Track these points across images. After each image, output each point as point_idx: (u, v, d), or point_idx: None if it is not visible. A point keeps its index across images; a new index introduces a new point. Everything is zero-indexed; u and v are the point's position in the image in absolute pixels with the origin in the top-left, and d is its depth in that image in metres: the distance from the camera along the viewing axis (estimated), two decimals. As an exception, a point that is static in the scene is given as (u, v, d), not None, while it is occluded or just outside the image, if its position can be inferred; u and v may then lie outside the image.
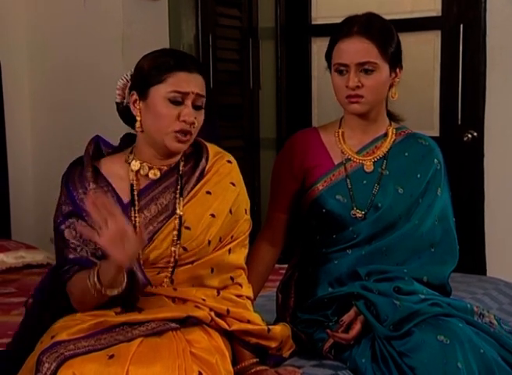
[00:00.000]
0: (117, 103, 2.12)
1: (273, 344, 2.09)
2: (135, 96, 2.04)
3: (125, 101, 2.09)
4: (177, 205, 2.04)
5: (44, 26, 4.14)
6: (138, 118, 2.03)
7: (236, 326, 2.02)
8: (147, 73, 2.02)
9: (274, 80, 4.93)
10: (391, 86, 2.29)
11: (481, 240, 4.13)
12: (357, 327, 2.14)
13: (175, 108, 1.99)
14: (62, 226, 2.00)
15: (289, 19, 4.82)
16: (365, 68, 2.22)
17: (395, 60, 2.28)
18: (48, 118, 4.19)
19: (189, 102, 2.00)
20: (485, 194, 4.14)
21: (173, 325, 1.93)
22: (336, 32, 2.28)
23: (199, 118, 2.03)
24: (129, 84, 2.08)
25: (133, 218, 2.02)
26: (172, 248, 2.01)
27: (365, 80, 2.23)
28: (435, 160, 2.34)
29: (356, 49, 2.23)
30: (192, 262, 2.04)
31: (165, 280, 2.03)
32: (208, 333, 1.97)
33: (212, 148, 2.15)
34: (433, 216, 2.31)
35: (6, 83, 4.02)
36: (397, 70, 2.29)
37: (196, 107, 2.02)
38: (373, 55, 2.22)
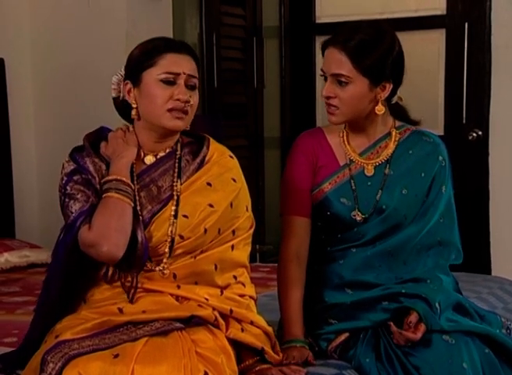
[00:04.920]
0: (114, 98, 2.15)
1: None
2: (129, 85, 2.08)
3: (121, 95, 2.13)
4: (175, 187, 2.05)
5: (48, 26, 4.14)
6: (134, 105, 2.07)
7: (233, 334, 2.00)
8: (138, 60, 2.07)
9: (278, 78, 4.93)
10: (377, 100, 2.22)
11: (486, 239, 4.13)
12: (422, 328, 2.11)
13: (168, 88, 2.03)
14: (68, 186, 2.02)
15: (294, 18, 4.82)
16: (339, 79, 2.20)
17: (379, 75, 2.20)
18: (52, 117, 4.19)
19: (181, 82, 2.04)
20: (490, 193, 4.13)
21: (178, 325, 1.93)
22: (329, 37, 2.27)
23: (194, 97, 2.06)
24: (123, 78, 2.12)
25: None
26: (170, 232, 2.01)
27: (340, 91, 2.20)
28: (440, 157, 2.32)
29: (331, 60, 2.21)
30: (194, 257, 2.04)
31: (164, 260, 2.02)
32: (213, 333, 1.97)
33: (213, 141, 2.17)
34: (438, 213, 2.29)
35: (10, 82, 4.02)
36: (385, 85, 2.21)
37: (189, 87, 2.05)
38: (345, 69, 2.18)
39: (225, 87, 4.62)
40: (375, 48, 2.19)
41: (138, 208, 2.02)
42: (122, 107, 2.13)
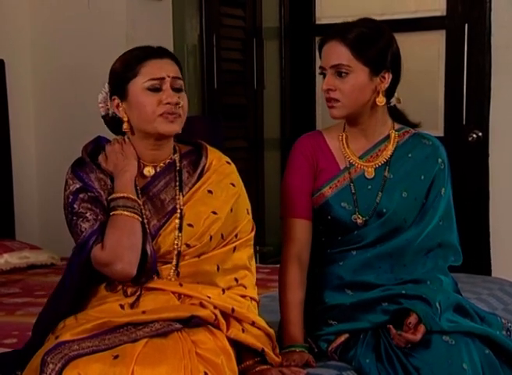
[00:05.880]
0: (103, 116, 2.16)
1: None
2: (116, 100, 2.09)
3: (110, 111, 2.13)
4: (177, 201, 2.06)
5: (48, 27, 4.15)
6: (125, 119, 2.08)
7: (233, 334, 2.00)
8: (120, 73, 2.08)
9: (278, 80, 4.93)
10: (377, 91, 2.22)
11: (486, 240, 4.13)
12: (422, 329, 2.11)
13: (155, 95, 2.04)
14: (75, 205, 2.02)
15: (294, 19, 4.82)
16: (339, 71, 2.20)
17: (378, 64, 2.21)
18: (52, 118, 4.20)
19: (167, 86, 2.05)
20: (490, 195, 4.14)
21: (177, 326, 1.93)
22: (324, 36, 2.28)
23: (183, 99, 2.07)
24: (108, 95, 2.12)
25: None
26: (175, 245, 2.02)
27: (340, 83, 2.20)
28: (439, 160, 2.32)
29: (331, 52, 2.22)
30: (198, 256, 2.05)
31: (171, 272, 2.03)
32: (213, 334, 1.97)
33: (210, 148, 2.18)
34: (437, 216, 2.29)
35: (10, 83, 4.02)
36: (385, 75, 2.22)
37: (176, 90, 2.06)
38: (345, 58, 2.19)
39: (225, 89, 4.62)
40: (377, 38, 2.22)
41: (145, 221, 2.03)
42: (113, 123, 2.14)
